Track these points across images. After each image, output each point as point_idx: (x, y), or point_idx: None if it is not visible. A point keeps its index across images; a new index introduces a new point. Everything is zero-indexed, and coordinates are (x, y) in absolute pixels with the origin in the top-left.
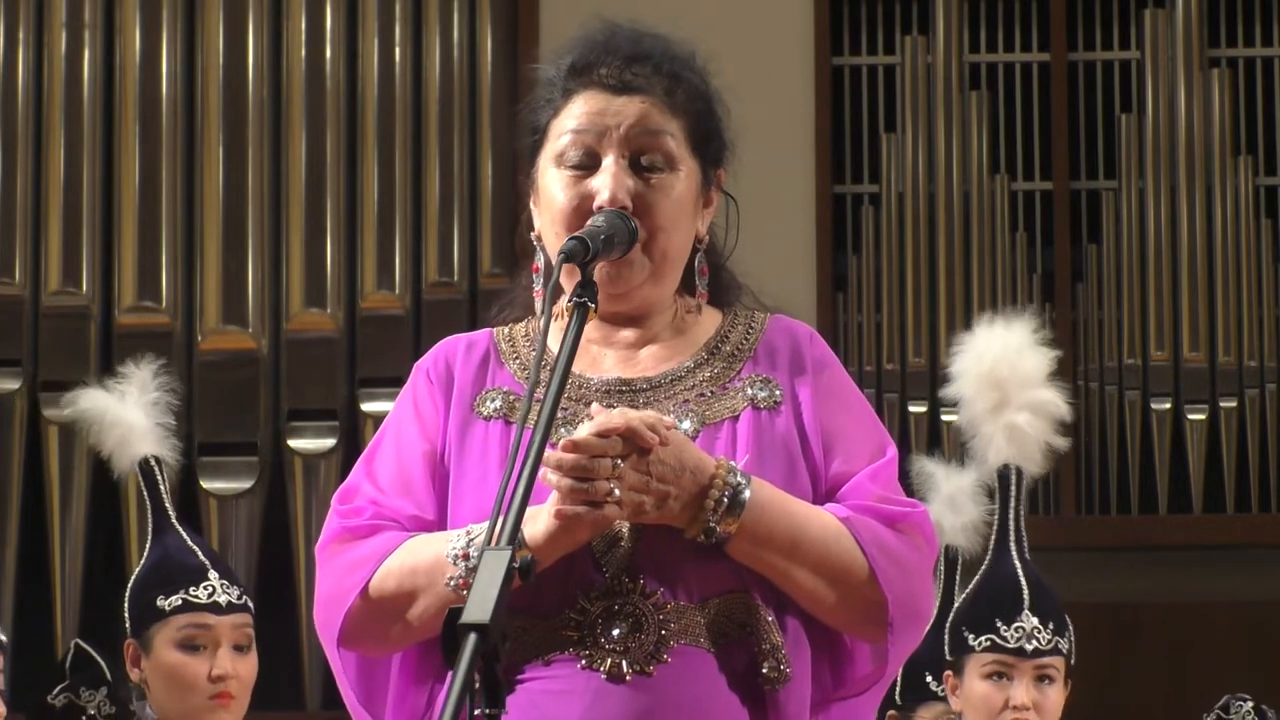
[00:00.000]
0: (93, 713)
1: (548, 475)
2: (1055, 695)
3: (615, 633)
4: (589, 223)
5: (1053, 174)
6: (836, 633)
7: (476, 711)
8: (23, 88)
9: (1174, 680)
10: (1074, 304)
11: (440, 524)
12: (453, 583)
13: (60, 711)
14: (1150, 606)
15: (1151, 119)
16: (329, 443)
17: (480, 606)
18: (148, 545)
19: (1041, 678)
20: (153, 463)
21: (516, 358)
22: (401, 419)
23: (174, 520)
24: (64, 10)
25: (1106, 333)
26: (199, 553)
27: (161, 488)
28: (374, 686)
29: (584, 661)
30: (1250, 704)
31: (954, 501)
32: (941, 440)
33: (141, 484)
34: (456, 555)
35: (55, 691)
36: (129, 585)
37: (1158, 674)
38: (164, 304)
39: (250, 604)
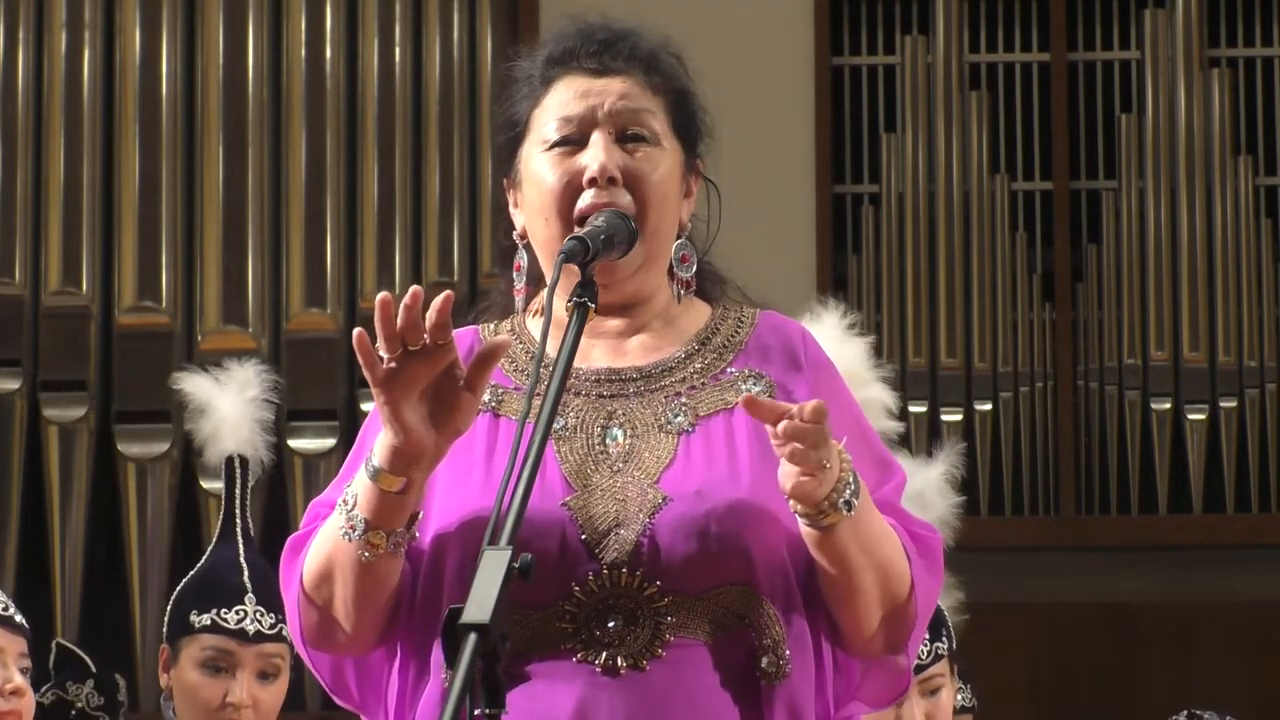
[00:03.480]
0: (81, 705)
1: (784, 446)
2: (946, 697)
3: (610, 626)
4: (589, 223)
5: (1053, 174)
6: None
7: (477, 711)
8: (23, 88)
9: (1174, 680)
10: (1074, 304)
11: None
12: (343, 532)
13: (50, 709)
14: (1150, 606)
15: (1151, 119)
16: (329, 443)
17: (480, 606)
18: (210, 546)
19: (929, 690)
20: (236, 463)
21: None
22: (377, 419)
23: (238, 529)
24: (64, 10)
25: (1106, 333)
26: (245, 571)
27: (237, 490)
28: (364, 686)
29: (579, 655)
30: (1182, 715)
31: (922, 496)
32: (942, 440)
33: (223, 483)
34: (340, 503)
35: (42, 690)
36: (178, 587)
37: (1158, 674)
38: (164, 304)
39: (285, 632)
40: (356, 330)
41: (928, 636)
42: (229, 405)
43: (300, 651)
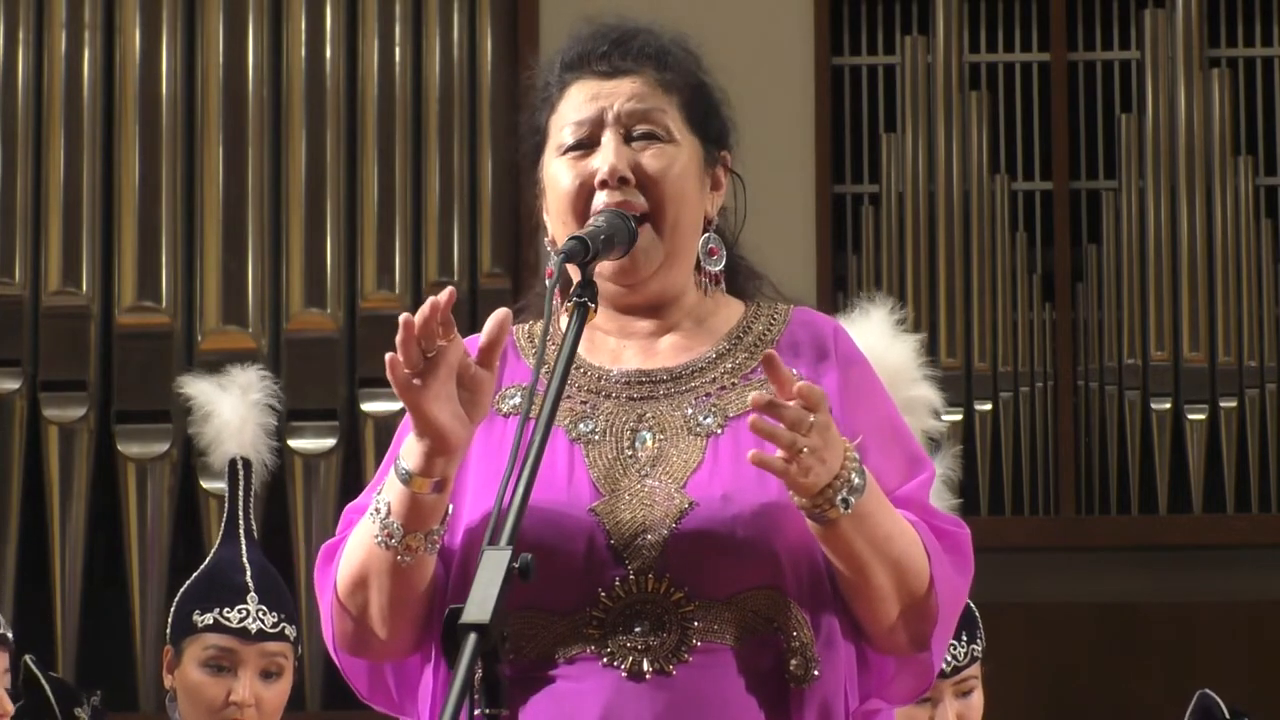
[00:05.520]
0: None
1: (760, 420)
2: (977, 700)
3: (636, 630)
4: (589, 223)
5: (1053, 174)
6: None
7: (477, 711)
8: (23, 88)
9: (1174, 680)
10: (1074, 304)
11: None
12: (379, 540)
13: None
14: (1150, 606)
15: (1151, 119)
16: (329, 443)
17: (480, 606)
18: (214, 548)
19: (963, 692)
20: (239, 465)
21: (535, 353)
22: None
23: (241, 530)
24: (64, 10)
25: (1106, 333)
26: (248, 571)
27: (240, 492)
28: (402, 687)
29: (605, 659)
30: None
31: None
32: (942, 441)
33: (226, 485)
34: (372, 512)
35: None
36: (181, 589)
37: (1158, 674)
38: (164, 304)
39: (289, 631)
40: (390, 359)
41: (964, 637)
42: (231, 409)
43: (334, 657)
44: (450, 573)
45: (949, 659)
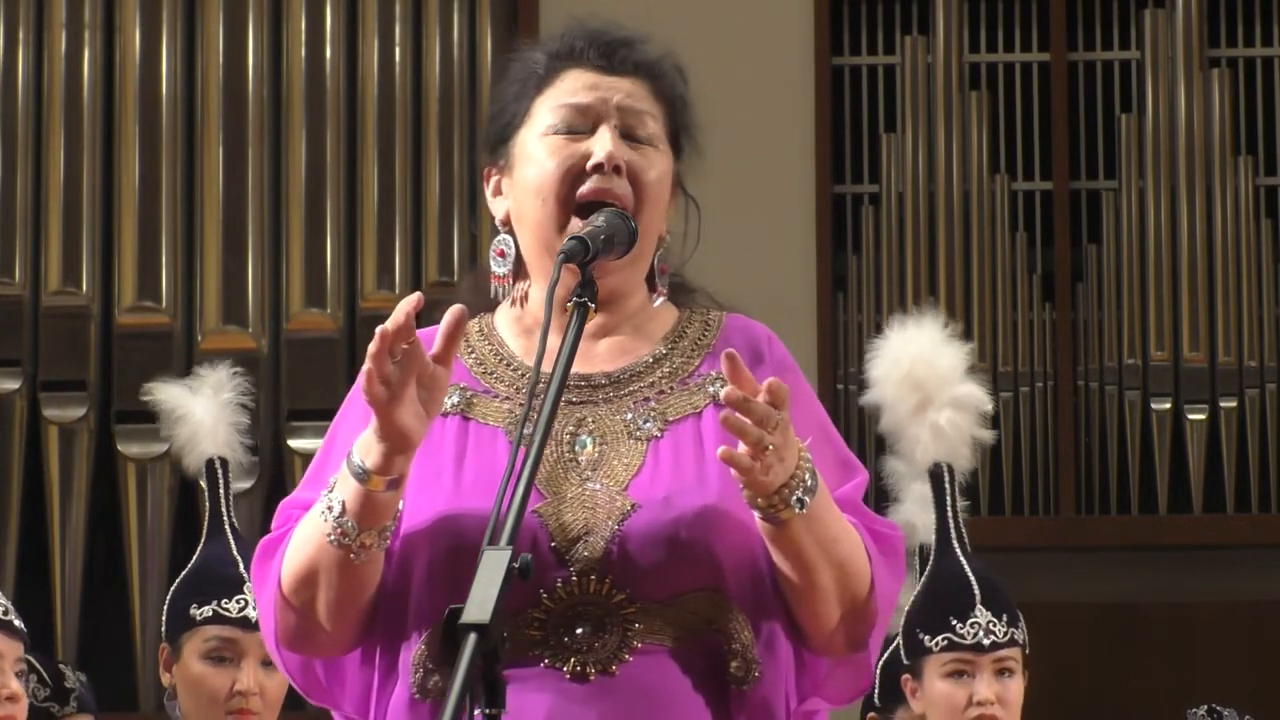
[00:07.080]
0: (29, 700)
1: (732, 416)
2: (1016, 687)
3: (578, 632)
4: (589, 222)
5: (1053, 174)
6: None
7: (477, 711)
8: (23, 88)
9: (1174, 680)
10: (1074, 304)
11: None
12: (331, 539)
13: None
14: (1150, 606)
15: (1151, 119)
16: None
17: (480, 606)
18: (200, 547)
19: (1001, 671)
20: (217, 464)
21: (472, 353)
22: (349, 418)
23: (227, 526)
24: (64, 10)
25: (1106, 333)
26: (240, 564)
27: (221, 490)
28: (331, 678)
29: (547, 661)
30: (1202, 710)
31: (926, 501)
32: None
33: (204, 485)
34: (323, 510)
35: None
36: (171, 588)
37: (1158, 674)
38: (164, 304)
39: None
40: (366, 373)
41: (1005, 618)
42: (203, 409)
43: (272, 652)
44: (391, 571)
45: (989, 636)
